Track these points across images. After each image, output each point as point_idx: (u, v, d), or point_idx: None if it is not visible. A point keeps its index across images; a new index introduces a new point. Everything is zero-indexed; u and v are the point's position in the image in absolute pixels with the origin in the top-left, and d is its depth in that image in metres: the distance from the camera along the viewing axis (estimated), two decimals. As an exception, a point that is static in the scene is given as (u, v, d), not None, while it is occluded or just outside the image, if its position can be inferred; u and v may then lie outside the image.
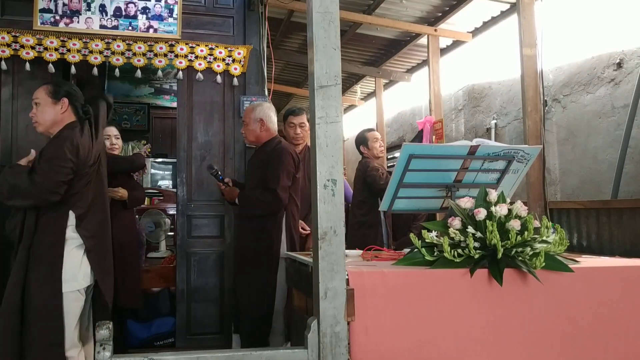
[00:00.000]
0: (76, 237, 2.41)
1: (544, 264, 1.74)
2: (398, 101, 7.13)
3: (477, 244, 1.75)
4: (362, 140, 4.40)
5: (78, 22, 3.55)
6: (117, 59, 3.58)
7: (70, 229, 2.40)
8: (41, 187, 2.29)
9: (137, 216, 4.18)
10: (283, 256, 3.05)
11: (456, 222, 1.80)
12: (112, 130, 3.54)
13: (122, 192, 3.40)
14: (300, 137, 3.67)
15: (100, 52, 3.54)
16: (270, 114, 3.23)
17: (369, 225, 4.04)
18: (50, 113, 2.48)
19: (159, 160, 6.96)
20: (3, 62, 3.46)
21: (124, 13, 3.62)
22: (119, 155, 3.66)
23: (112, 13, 3.60)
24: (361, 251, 2.25)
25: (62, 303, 2.34)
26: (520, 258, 1.75)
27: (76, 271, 2.40)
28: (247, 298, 3.07)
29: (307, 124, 3.65)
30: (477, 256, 1.73)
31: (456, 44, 5.56)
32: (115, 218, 3.41)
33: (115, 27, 3.60)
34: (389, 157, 7.06)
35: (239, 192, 3.16)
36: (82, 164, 2.42)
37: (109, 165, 3.39)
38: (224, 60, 3.76)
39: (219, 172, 3.26)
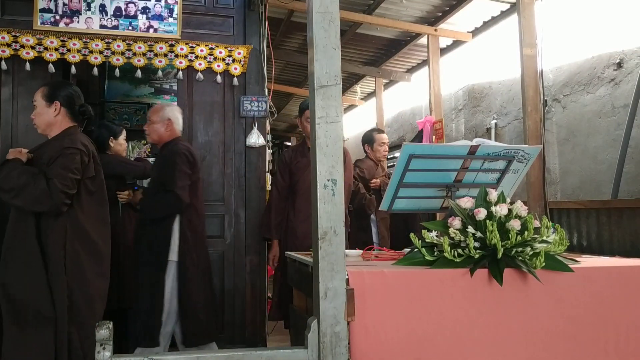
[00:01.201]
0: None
1: (544, 263, 1.74)
2: (398, 101, 7.13)
3: (477, 244, 1.75)
4: (368, 139, 4.39)
5: (78, 22, 3.55)
6: (117, 59, 3.58)
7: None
8: (57, 194, 2.29)
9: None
10: (173, 259, 3.05)
11: (456, 222, 1.80)
12: (124, 133, 3.69)
13: (129, 194, 3.47)
14: None
15: (100, 52, 3.54)
16: (178, 116, 3.28)
17: (358, 227, 4.04)
18: (45, 116, 2.50)
19: (159, 160, 6.96)
20: (3, 62, 3.46)
21: (124, 13, 3.62)
22: (133, 162, 3.71)
23: (112, 13, 3.60)
24: (361, 251, 2.25)
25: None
26: (520, 258, 1.75)
27: None
28: (136, 301, 3.05)
29: None
30: (477, 256, 1.73)
31: (456, 43, 5.56)
32: (125, 220, 3.45)
33: (115, 27, 3.60)
34: (389, 157, 7.05)
35: (140, 196, 3.19)
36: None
37: (122, 168, 3.47)
38: (224, 60, 3.76)
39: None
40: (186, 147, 3.20)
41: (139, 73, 3.67)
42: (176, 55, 3.68)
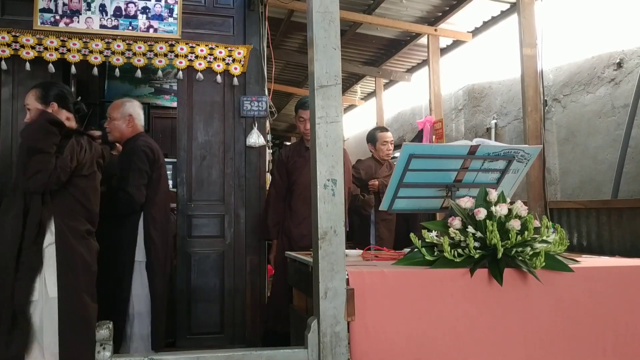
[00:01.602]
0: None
1: (544, 263, 1.74)
2: (398, 101, 7.13)
3: (477, 244, 1.75)
4: (371, 138, 4.35)
5: (78, 22, 3.55)
6: (117, 59, 3.58)
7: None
8: (57, 174, 2.27)
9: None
10: (140, 259, 3.02)
11: (456, 222, 1.80)
12: None
13: None
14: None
15: (100, 52, 3.54)
16: (139, 112, 3.28)
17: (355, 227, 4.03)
18: None
19: (159, 160, 6.95)
20: (3, 62, 3.46)
21: (124, 13, 3.62)
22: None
23: (112, 13, 3.60)
24: (361, 251, 2.25)
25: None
26: (520, 258, 1.75)
27: None
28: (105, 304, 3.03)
29: None
30: (477, 256, 1.73)
31: (456, 43, 5.56)
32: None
33: (115, 27, 3.60)
34: (389, 157, 7.05)
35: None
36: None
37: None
38: (224, 60, 3.76)
39: None
40: (146, 143, 3.16)
41: (139, 73, 3.68)
42: (176, 55, 3.68)
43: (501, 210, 1.78)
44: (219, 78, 3.77)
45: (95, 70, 3.60)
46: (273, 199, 3.49)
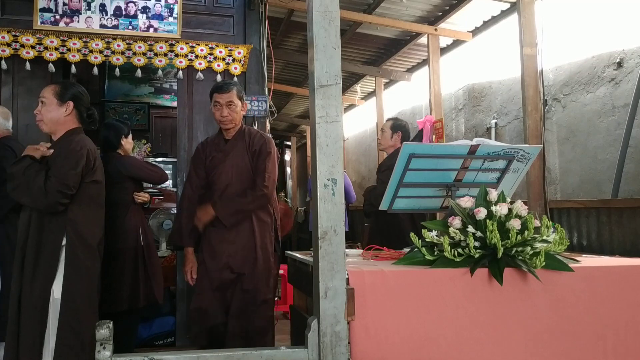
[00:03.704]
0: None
1: (544, 263, 1.74)
2: (398, 100, 7.13)
3: (477, 244, 1.75)
4: None
5: (78, 21, 3.55)
6: (117, 59, 3.58)
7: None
8: (54, 194, 2.30)
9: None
10: None
11: (456, 222, 1.80)
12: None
13: (146, 196, 3.50)
14: (229, 119, 2.88)
15: (101, 52, 3.54)
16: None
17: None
18: (54, 114, 2.50)
19: (159, 159, 6.96)
20: (3, 62, 3.46)
21: (124, 12, 3.62)
22: (150, 167, 3.67)
23: (112, 12, 3.60)
24: (361, 250, 2.25)
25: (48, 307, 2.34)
26: (520, 257, 1.75)
27: None
28: None
29: (239, 103, 2.90)
30: (477, 255, 1.73)
31: (456, 43, 5.56)
32: (143, 221, 3.48)
33: (116, 27, 3.60)
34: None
35: None
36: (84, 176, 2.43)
37: (141, 173, 3.45)
38: (224, 59, 3.76)
39: None
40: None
41: (139, 72, 3.68)
42: (176, 55, 3.68)
43: (501, 209, 1.78)
44: (219, 77, 3.77)
45: (95, 70, 3.60)
46: (188, 200, 2.98)
